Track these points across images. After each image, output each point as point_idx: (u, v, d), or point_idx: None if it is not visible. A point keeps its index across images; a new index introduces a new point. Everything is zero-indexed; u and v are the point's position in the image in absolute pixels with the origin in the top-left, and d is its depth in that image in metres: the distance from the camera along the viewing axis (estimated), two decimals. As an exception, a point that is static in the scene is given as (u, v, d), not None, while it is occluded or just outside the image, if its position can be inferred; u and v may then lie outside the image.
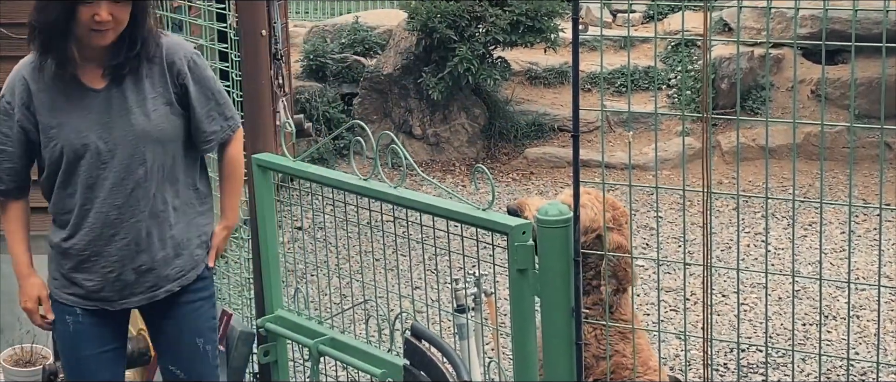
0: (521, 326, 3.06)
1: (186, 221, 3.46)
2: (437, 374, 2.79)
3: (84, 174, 3.32)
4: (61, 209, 3.40)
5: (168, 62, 3.36)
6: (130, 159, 3.32)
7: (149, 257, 3.41)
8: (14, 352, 4.88)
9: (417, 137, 9.14)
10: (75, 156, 3.31)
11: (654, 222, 7.43)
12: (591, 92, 9.50)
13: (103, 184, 3.33)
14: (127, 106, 3.32)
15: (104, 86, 3.32)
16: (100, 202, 3.34)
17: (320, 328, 3.79)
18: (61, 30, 3.20)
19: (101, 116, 3.31)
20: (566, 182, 8.40)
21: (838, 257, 6.78)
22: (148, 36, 3.29)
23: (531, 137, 9.22)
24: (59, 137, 3.30)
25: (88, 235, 3.37)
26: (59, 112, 3.31)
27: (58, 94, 3.30)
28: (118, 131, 3.31)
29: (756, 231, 7.25)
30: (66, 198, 3.37)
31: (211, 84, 3.45)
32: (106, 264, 3.40)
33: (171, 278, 3.47)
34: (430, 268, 6.12)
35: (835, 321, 5.93)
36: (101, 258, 3.40)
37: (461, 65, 8.54)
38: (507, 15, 8.63)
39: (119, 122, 3.32)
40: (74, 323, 3.46)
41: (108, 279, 3.42)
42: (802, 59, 9.26)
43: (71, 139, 3.30)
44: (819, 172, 8.28)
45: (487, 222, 3.10)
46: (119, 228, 3.36)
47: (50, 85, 3.30)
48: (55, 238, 3.44)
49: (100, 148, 3.30)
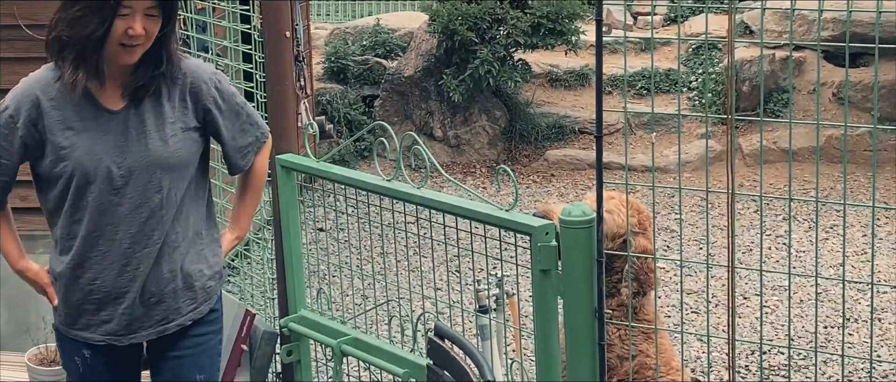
0: (544, 327, 3.07)
1: (197, 251, 3.29)
2: (461, 373, 2.81)
3: (95, 200, 3.14)
4: (67, 235, 3.21)
5: (192, 86, 3.20)
6: (146, 185, 3.15)
7: (158, 289, 3.24)
8: (39, 351, 4.92)
9: (438, 139, 9.16)
10: (86, 180, 3.12)
11: (674, 223, 7.43)
12: (611, 94, 9.50)
13: (116, 211, 3.15)
14: (145, 129, 3.15)
15: (122, 107, 3.14)
16: (111, 230, 3.16)
17: (343, 328, 3.81)
18: (96, 45, 3.02)
19: (117, 138, 3.13)
20: (587, 184, 8.41)
21: (860, 260, 6.76)
22: (172, 55, 3.15)
23: (552, 139, 9.23)
24: (71, 158, 3.11)
25: (98, 264, 3.19)
26: (72, 132, 3.12)
27: (72, 113, 3.11)
28: (134, 156, 3.14)
29: (777, 234, 7.24)
30: (74, 224, 3.18)
31: (238, 99, 3.32)
32: (116, 295, 3.22)
33: (183, 311, 3.30)
34: (452, 270, 6.14)
35: (856, 324, 5.92)
36: (112, 290, 3.22)
37: (482, 67, 8.56)
38: (527, 17, 8.64)
39: (135, 146, 3.14)
40: (83, 365, 3.30)
41: (116, 312, 3.24)
42: (824, 62, 9.24)
43: (83, 162, 3.11)
44: (840, 174, 8.26)
45: (511, 223, 3.11)
46: (130, 258, 3.19)
47: (63, 103, 3.12)
48: (60, 266, 3.24)
49: (113, 173, 3.12)
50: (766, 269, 6.43)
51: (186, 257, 3.25)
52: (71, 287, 3.24)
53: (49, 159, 3.13)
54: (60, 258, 3.24)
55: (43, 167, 3.16)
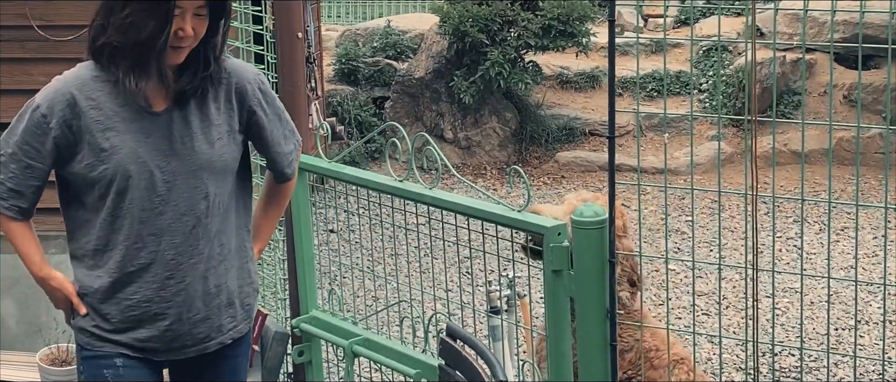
0: (556, 327, 3.07)
1: (239, 265, 3.07)
2: (473, 373, 2.81)
3: (136, 207, 2.91)
4: (103, 246, 2.95)
5: (238, 87, 3.01)
6: (192, 191, 2.94)
7: (204, 304, 3.01)
8: (50, 352, 4.93)
9: (448, 140, 9.17)
10: (127, 185, 2.89)
11: (686, 226, 7.42)
12: (622, 96, 9.50)
13: (159, 220, 2.92)
14: (191, 132, 2.94)
15: (165, 108, 2.93)
16: (154, 241, 2.93)
17: (354, 328, 3.81)
18: (157, 48, 2.83)
19: (160, 141, 2.92)
20: (597, 186, 8.40)
21: (871, 261, 6.75)
22: (219, 56, 2.97)
23: (562, 141, 9.23)
24: (112, 161, 2.88)
25: (139, 278, 2.95)
26: (113, 133, 2.89)
27: (113, 113, 2.90)
28: (178, 160, 2.93)
29: (788, 236, 7.23)
30: (112, 234, 2.93)
31: (279, 104, 3.14)
32: (157, 312, 2.98)
33: (225, 329, 3.07)
34: (463, 271, 6.14)
35: (868, 326, 5.91)
36: (154, 305, 2.97)
37: (493, 69, 8.56)
38: (538, 19, 8.64)
39: (180, 149, 2.93)
40: (114, 375, 3.02)
41: (158, 329, 3.00)
42: (834, 64, 9.23)
43: (125, 165, 2.88)
44: (852, 176, 8.24)
45: (523, 224, 3.11)
46: (175, 271, 2.96)
47: (103, 102, 2.90)
48: (94, 282, 2.97)
49: (156, 177, 2.90)
50: (778, 270, 6.43)
51: (231, 271, 3.04)
52: (106, 304, 2.98)
53: (85, 163, 2.90)
54: (92, 273, 2.98)
55: (75, 171, 2.92)
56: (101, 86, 2.90)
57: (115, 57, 2.87)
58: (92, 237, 2.96)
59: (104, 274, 2.96)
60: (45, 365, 4.84)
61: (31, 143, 2.91)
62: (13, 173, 2.94)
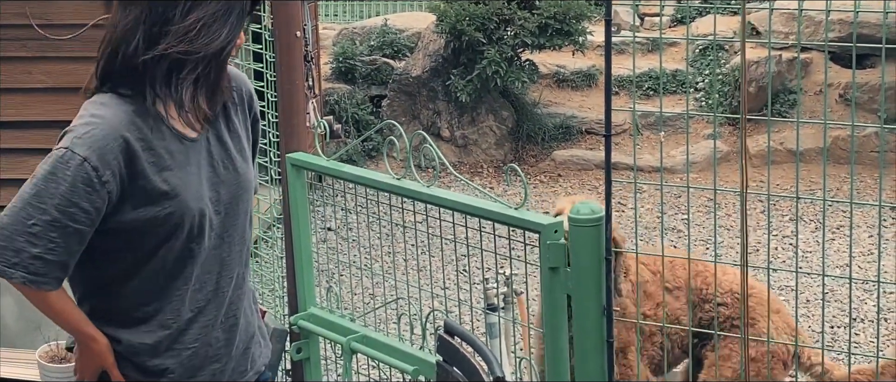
0: (553, 324, 3.10)
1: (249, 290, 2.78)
2: (470, 370, 2.83)
3: (199, 247, 2.54)
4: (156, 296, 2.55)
5: (246, 93, 2.71)
6: (242, 217, 2.62)
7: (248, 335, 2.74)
8: (50, 349, 4.94)
9: (445, 139, 9.19)
10: (189, 225, 2.50)
11: (682, 224, 7.45)
12: (618, 95, 9.52)
13: (215, 254, 2.59)
14: (229, 154, 2.59)
15: (199, 133, 2.54)
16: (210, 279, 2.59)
17: (352, 325, 3.83)
18: (224, 60, 2.48)
19: (206, 171, 2.54)
20: (593, 185, 8.43)
21: (866, 260, 6.78)
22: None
23: (559, 139, 9.26)
24: (173, 204, 2.46)
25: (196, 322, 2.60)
26: (169, 173, 2.47)
27: (162, 150, 2.47)
28: (225, 187, 2.57)
29: (784, 234, 7.25)
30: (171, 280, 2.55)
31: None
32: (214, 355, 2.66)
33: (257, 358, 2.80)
34: (460, 269, 6.17)
35: (863, 324, 5.94)
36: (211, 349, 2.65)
37: (489, 67, 8.59)
38: (535, 18, 8.67)
39: (225, 175, 2.58)
40: None
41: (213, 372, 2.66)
42: (830, 63, 9.25)
43: (189, 205, 2.48)
44: (847, 175, 8.27)
45: (520, 221, 3.13)
46: (231, 308, 2.66)
47: (151, 140, 2.45)
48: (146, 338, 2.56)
49: (209, 212, 2.53)
50: (774, 267, 6.44)
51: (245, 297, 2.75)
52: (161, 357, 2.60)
53: (137, 211, 2.45)
54: (139, 329, 2.56)
55: (124, 221, 2.46)
56: (143, 121, 2.45)
57: (172, 72, 2.42)
58: (139, 289, 2.54)
59: (157, 327, 2.56)
60: (44, 362, 4.86)
61: (78, 204, 2.38)
62: (55, 243, 2.41)
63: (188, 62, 2.41)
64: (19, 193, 2.43)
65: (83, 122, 2.42)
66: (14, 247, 2.40)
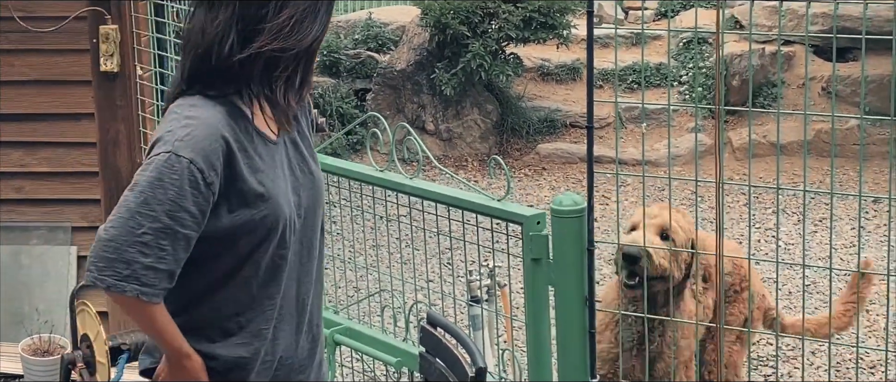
0: (536, 315, 3.11)
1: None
2: (452, 360, 2.84)
3: (288, 252, 2.48)
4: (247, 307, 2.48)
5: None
6: (308, 224, 2.54)
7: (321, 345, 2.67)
8: (32, 342, 4.95)
9: (430, 132, 9.20)
10: (281, 228, 2.45)
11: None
12: (603, 88, 9.54)
13: (297, 262, 2.53)
14: (303, 157, 2.55)
15: (277, 134, 2.49)
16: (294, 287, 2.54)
17: (336, 317, 3.84)
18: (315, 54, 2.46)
19: (291, 174, 2.51)
20: (578, 178, 8.45)
21: (848, 252, 6.81)
22: None
23: (543, 133, 9.27)
24: (267, 206, 2.41)
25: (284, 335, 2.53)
26: (262, 174, 2.42)
27: (253, 151, 2.42)
28: (304, 190, 2.52)
29: (766, 227, 7.28)
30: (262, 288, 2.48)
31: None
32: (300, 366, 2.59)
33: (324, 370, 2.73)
34: (444, 262, 6.18)
35: (845, 316, 5.97)
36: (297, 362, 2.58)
37: (474, 61, 8.59)
38: (519, 11, 8.68)
39: (302, 178, 2.53)
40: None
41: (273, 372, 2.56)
42: (813, 56, 9.29)
43: (282, 210, 2.44)
44: (829, 168, 8.32)
45: (503, 213, 3.15)
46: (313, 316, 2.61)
47: (243, 141, 2.41)
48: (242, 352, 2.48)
49: (292, 215, 2.48)
50: (755, 258, 6.48)
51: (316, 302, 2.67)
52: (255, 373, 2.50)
53: (233, 215, 2.40)
54: (231, 340, 2.48)
55: (219, 227, 2.40)
56: (235, 121, 2.41)
57: (268, 69, 2.39)
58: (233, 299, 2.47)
59: (251, 338, 2.48)
60: (27, 356, 4.86)
61: (187, 208, 2.32)
62: (165, 251, 2.33)
63: (282, 59, 2.38)
64: (121, 204, 2.33)
65: (180, 125, 2.35)
66: (125, 258, 2.30)
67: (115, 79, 5.01)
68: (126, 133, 5.07)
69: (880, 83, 8.77)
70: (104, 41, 4.94)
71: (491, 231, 3.36)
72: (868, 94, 8.75)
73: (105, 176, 5.12)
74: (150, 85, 5.11)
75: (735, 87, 9.05)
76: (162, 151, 2.32)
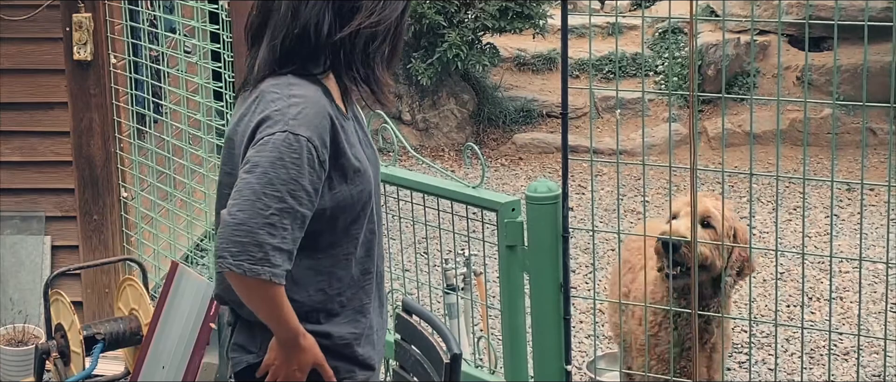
0: (511, 301, 3.12)
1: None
2: (427, 347, 2.85)
3: (365, 230, 2.48)
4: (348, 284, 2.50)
5: None
6: (377, 199, 2.56)
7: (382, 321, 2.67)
8: (7, 332, 4.93)
9: (406, 122, 9.20)
10: (369, 207, 2.48)
11: (640, 205, 7.50)
12: (578, 78, 9.56)
13: (375, 237, 2.53)
14: (366, 132, 2.59)
15: (347, 109, 2.52)
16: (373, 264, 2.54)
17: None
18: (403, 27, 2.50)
19: (369, 149, 2.55)
20: (554, 168, 8.46)
21: (822, 240, 6.86)
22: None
23: (520, 122, 9.29)
24: (364, 180, 2.44)
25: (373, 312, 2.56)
26: (356, 149, 2.46)
27: (346, 125, 2.46)
28: (373, 166, 2.53)
29: (741, 215, 7.33)
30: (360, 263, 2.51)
31: None
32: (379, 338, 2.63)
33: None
34: (420, 251, 6.18)
35: (819, 303, 6.01)
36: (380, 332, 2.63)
37: (450, 51, 8.59)
38: (495, 1, 8.68)
39: (370, 155, 2.55)
40: None
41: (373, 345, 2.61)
42: (788, 46, 9.33)
43: (371, 183, 2.48)
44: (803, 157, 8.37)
45: (478, 200, 3.16)
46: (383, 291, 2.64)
47: (338, 116, 2.44)
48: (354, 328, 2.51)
49: (376, 191, 2.54)
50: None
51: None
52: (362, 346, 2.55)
53: (334, 192, 2.41)
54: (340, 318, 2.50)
55: (322, 205, 2.40)
56: (328, 99, 2.43)
57: (368, 48, 2.42)
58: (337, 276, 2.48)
59: (354, 314, 2.51)
60: (1, 346, 4.84)
61: (304, 186, 2.31)
62: (288, 230, 2.32)
63: (379, 33, 2.41)
64: (244, 186, 2.30)
65: (287, 104, 2.34)
66: (257, 241, 2.27)
67: (88, 67, 4.99)
68: (100, 122, 5.05)
69: (853, 72, 8.82)
70: (77, 30, 4.91)
71: (466, 219, 3.37)
72: (842, 82, 8.80)
73: (79, 165, 5.10)
74: (123, 74, 5.08)
75: (710, 76, 9.08)
76: (277, 130, 2.30)
